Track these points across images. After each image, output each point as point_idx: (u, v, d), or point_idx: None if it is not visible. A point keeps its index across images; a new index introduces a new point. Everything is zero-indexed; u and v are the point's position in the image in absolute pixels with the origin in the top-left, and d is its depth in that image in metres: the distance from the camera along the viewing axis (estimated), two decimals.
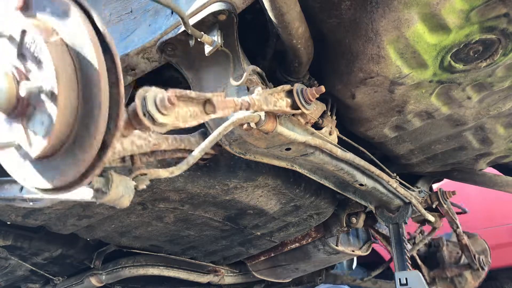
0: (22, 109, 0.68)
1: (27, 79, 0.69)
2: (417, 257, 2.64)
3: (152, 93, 0.67)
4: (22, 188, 1.08)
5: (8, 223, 1.73)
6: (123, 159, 0.90)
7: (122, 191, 0.79)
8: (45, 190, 0.71)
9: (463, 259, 2.60)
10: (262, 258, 2.47)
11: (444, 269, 2.63)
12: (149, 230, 1.87)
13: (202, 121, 0.81)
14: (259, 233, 2.05)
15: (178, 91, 0.74)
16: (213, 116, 0.82)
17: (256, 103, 0.97)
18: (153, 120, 0.67)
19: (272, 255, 2.42)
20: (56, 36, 0.66)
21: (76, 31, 0.65)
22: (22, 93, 0.66)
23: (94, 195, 0.79)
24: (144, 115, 0.67)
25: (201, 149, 0.95)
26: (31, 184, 0.72)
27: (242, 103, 0.92)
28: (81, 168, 0.65)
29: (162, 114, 0.67)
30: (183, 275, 2.37)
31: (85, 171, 0.65)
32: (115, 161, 0.88)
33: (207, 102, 0.82)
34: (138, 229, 1.85)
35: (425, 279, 2.68)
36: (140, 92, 0.67)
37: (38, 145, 0.67)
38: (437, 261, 2.68)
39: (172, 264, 2.33)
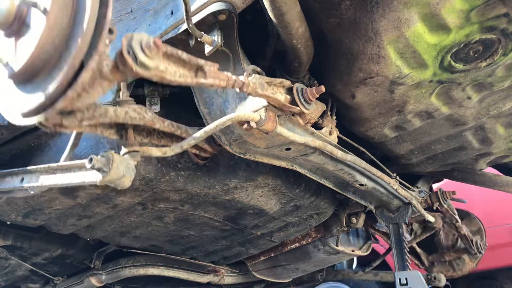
0: (18, 27, 0.71)
1: None
2: (415, 245, 2.65)
3: (140, 35, 0.68)
4: (22, 179, 1.08)
5: (8, 223, 1.73)
6: (117, 132, 0.91)
7: (123, 171, 0.80)
8: (25, 114, 0.71)
9: (460, 241, 2.63)
10: (262, 258, 2.47)
11: (442, 254, 2.66)
12: (149, 230, 1.87)
13: (190, 83, 0.79)
14: (259, 233, 2.05)
15: (170, 48, 0.73)
16: (202, 80, 0.81)
17: (251, 85, 0.96)
18: (135, 58, 0.67)
19: (272, 255, 2.42)
20: None
21: None
22: (16, 1, 0.69)
23: (96, 175, 0.80)
24: (128, 53, 0.67)
25: (196, 137, 0.95)
26: (12, 107, 0.73)
27: (236, 80, 0.90)
28: (56, 88, 0.66)
29: (146, 54, 0.67)
30: (183, 275, 2.37)
31: (60, 92, 0.66)
32: (108, 130, 0.88)
33: (199, 69, 0.81)
34: (138, 229, 1.85)
35: (424, 264, 2.70)
36: (128, 34, 0.68)
37: (22, 58, 0.69)
38: (435, 245, 2.70)
39: (172, 264, 2.33)
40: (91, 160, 0.80)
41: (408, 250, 1.94)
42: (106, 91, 0.69)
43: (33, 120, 0.70)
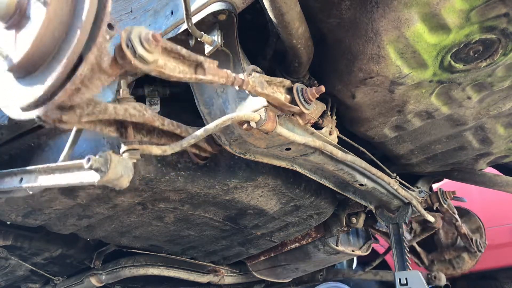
0: (18, 19, 0.71)
1: None
2: (415, 244, 2.65)
3: (139, 29, 0.68)
4: (21, 179, 1.08)
5: (8, 223, 1.72)
6: (117, 129, 0.91)
7: (121, 171, 0.80)
8: (25, 108, 0.70)
9: (460, 240, 2.64)
10: (262, 258, 2.47)
11: (442, 252, 2.67)
12: (149, 230, 1.87)
13: (189, 79, 0.79)
14: (259, 233, 2.05)
15: (169, 43, 0.73)
16: (202, 77, 0.80)
17: (251, 83, 0.95)
18: (134, 52, 0.67)
19: (272, 255, 2.42)
20: None
21: None
22: None
23: (93, 175, 0.79)
24: (127, 46, 0.66)
25: (196, 135, 0.95)
26: (12, 101, 0.73)
27: (236, 77, 0.90)
28: (55, 81, 0.66)
29: (145, 48, 0.67)
30: (183, 275, 2.37)
31: (59, 85, 0.66)
32: (107, 127, 0.88)
33: (198, 65, 0.80)
34: (138, 229, 1.85)
35: (424, 262, 2.70)
36: (128, 27, 0.67)
37: (21, 50, 0.69)
38: (435, 243, 2.70)
39: (172, 264, 2.33)
40: (89, 160, 0.80)
41: (408, 250, 1.94)
42: (105, 85, 0.69)
43: (32, 114, 0.69)
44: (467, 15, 1.09)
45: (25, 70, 0.71)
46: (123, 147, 0.91)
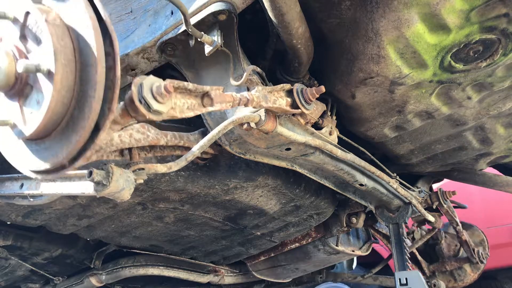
0: (20, 88, 0.69)
1: (27, 58, 0.70)
2: (416, 252, 2.65)
3: (149, 81, 0.67)
4: (22, 185, 1.08)
5: (8, 223, 1.73)
6: (121, 152, 0.91)
7: (122, 184, 0.80)
8: (37, 172, 0.70)
9: (462, 252, 2.63)
10: (262, 258, 2.47)
11: (443, 263, 2.65)
12: (149, 230, 1.87)
13: (199, 113, 0.80)
14: (259, 233, 2.05)
15: (176, 82, 0.74)
16: (210, 109, 0.82)
17: (255, 99, 0.97)
18: (148, 107, 0.66)
19: (272, 255, 2.42)
20: (58, 18, 0.67)
21: (78, 15, 0.66)
22: (20, 69, 0.66)
23: (95, 188, 0.79)
24: (140, 102, 0.66)
25: (199, 146, 0.95)
26: (24, 165, 0.72)
27: (241, 98, 0.91)
28: (73, 150, 0.65)
29: (158, 101, 0.67)
30: (183, 275, 2.37)
31: (77, 153, 0.65)
32: (113, 154, 0.88)
33: (205, 95, 0.82)
34: (138, 229, 1.85)
35: (425, 273, 2.69)
36: (137, 79, 0.67)
37: (32, 123, 0.67)
38: (436, 254, 2.69)
39: (172, 264, 2.33)
40: (90, 173, 0.79)
41: (409, 256, 1.94)
42: (115, 131, 0.69)
43: (48, 178, 0.70)
44: (467, 15, 1.08)
45: (37, 138, 0.69)
46: (129, 168, 0.91)
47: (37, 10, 0.67)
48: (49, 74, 0.64)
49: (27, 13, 0.69)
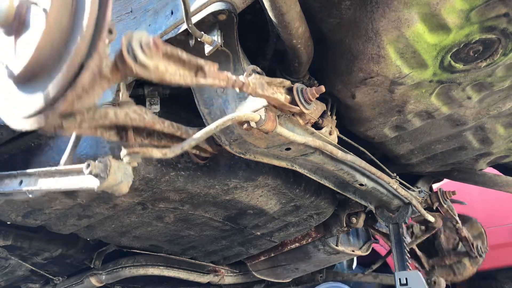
0: (17, 26, 0.71)
1: None
2: (415, 247, 2.65)
3: (139, 34, 0.68)
4: (21, 182, 1.08)
5: (8, 223, 1.73)
6: (118, 133, 0.91)
7: (120, 177, 0.80)
8: (26, 117, 0.70)
9: (461, 245, 2.64)
10: (262, 258, 2.47)
11: (443, 257, 2.66)
12: (149, 230, 1.87)
13: (190, 83, 0.79)
14: (259, 233, 2.05)
15: (170, 48, 0.73)
16: (202, 81, 0.80)
17: (251, 85, 0.95)
18: (135, 58, 0.66)
19: (272, 255, 2.42)
20: None
21: None
22: (16, 2, 0.69)
23: (93, 181, 0.79)
24: (128, 52, 0.66)
25: (196, 137, 0.95)
26: (12, 109, 0.72)
27: (236, 80, 0.90)
28: (55, 89, 0.65)
29: (145, 54, 0.67)
30: (183, 275, 2.37)
31: (58, 93, 0.66)
32: (108, 131, 0.88)
33: (199, 69, 0.80)
34: (138, 229, 1.85)
35: (424, 267, 2.70)
36: (128, 32, 0.67)
37: (22, 60, 0.69)
38: (436, 248, 2.70)
39: (172, 264, 2.33)
40: (88, 165, 0.79)
41: (409, 252, 1.94)
42: (106, 90, 0.69)
43: (33, 124, 0.69)
44: (467, 15, 1.09)
45: (26, 78, 0.70)
46: (124, 151, 0.91)
47: None
48: (44, 12, 0.67)
49: None
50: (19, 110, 0.71)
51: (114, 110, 0.82)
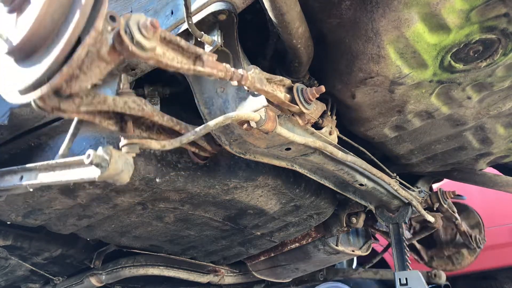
0: (20, 2, 0.71)
1: None
2: (415, 241, 2.66)
3: (138, 16, 0.68)
4: (22, 177, 1.08)
5: (8, 223, 1.73)
6: (117, 123, 0.91)
7: (121, 166, 0.80)
8: (22, 91, 0.70)
9: (459, 236, 2.65)
10: (262, 258, 2.47)
11: (441, 248, 2.68)
12: (149, 230, 1.87)
13: (187, 70, 0.79)
14: (259, 233, 2.05)
15: (168, 33, 0.73)
16: (199, 68, 0.80)
17: (250, 78, 0.95)
18: (132, 38, 0.67)
19: (272, 255, 2.42)
20: None
21: None
22: None
23: (94, 171, 0.79)
24: (125, 32, 0.67)
25: (196, 132, 0.95)
26: (10, 84, 0.72)
27: (234, 72, 0.90)
28: (51, 63, 0.65)
29: (142, 34, 0.67)
30: (183, 275, 2.37)
31: (55, 67, 0.66)
32: (107, 120, 0.88)
33: (197, 58, 0.80)
34: (138, 229, 1.85)
35: (423, 259, 2.71)
36: (126, 14, 0.68)
37: (20, 33, 0.69)
38: (434, 240, 2.70)
39: (172, 264, 2.33)
40: (89, 155, 0.80)
41: (408, 247, 1.94)
42: (104, 73, 0.69)
43: (30, 98, 0.69)
44: (467, 15, 1.09)
45: (25, 53, 0.70)
46: (123, 141, 0.91)
47: None
48: None
49: None
50: (17, 84, 0.71)
51: (114, 97, 0.82)
